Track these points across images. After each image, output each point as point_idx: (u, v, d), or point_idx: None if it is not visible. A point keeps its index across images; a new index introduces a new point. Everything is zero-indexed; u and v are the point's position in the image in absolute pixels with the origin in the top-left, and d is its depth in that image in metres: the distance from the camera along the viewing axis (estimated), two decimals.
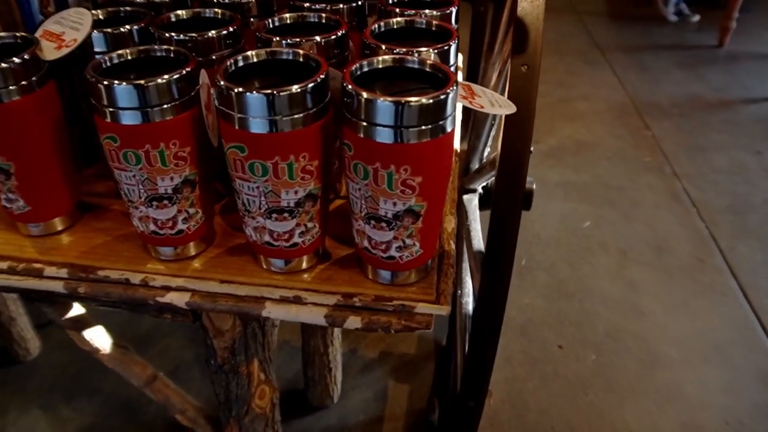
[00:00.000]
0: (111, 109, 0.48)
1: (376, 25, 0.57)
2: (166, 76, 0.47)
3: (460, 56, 1.04)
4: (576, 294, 1.57)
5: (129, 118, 0.48)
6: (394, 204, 0.48)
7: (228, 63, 0.48)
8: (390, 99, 0.43)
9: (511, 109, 0.51)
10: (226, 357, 0.67)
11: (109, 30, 0.58)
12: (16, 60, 0.52)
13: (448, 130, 0.46)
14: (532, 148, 0.72)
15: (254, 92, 0.45)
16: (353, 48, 0.61)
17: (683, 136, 2.21)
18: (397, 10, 0.62)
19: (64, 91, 0.59)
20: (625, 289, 1.57)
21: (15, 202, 0.58)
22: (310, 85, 0.45)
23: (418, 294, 0.54)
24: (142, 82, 0.47)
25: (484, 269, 0.58)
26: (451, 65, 0.55)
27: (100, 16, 0.62)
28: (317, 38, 0.55)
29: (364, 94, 0.44)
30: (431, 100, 0.44)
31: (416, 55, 0.51)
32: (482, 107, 0.49)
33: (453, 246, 0.60)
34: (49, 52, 0.56)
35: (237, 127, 0.46)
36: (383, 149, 0.45)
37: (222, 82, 0.46)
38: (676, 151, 2.11)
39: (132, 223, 0.56)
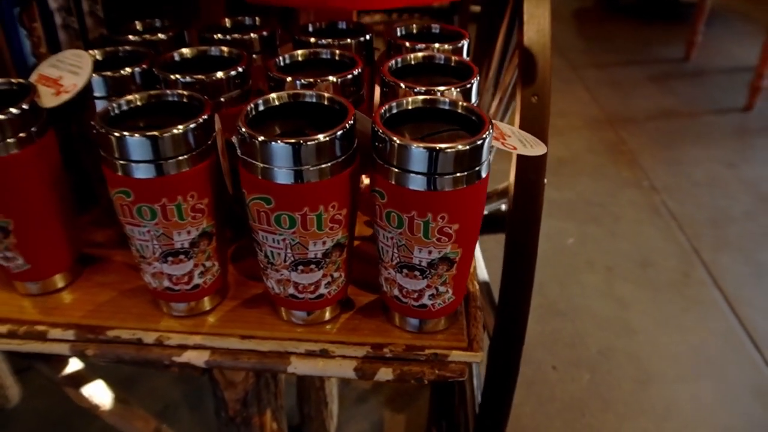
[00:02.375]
0: (123, 162, 0.45)
1: (394, 61, 0.55)
2: (181, 126, 0.45)
3: None
4: (567, 313, 1.57)
5: (144, 172, 0.45)
6: (429, 252, 0.46)
7: (249, 108, 0.46)
8: (424, 145, 0.41)
9: (542, 149, 0.50)
10: (238, 409, 0.64)
11: (109, 73, 0.55)
12: (14, 111, 0.48)
13: (484, 175, 0.45)
14: (545, 180, 0.71)
15: (280, 142, 0.42)
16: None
17: (659, 149, 2.24)
18: (407, 43, 0.60)
19: (58, 134, 0.55)
20: (614, 307, 1.58)
21: (13, 260, 0.54)
22: (339, 133, 0.43)
23: (449, 341, 0.52)
24: (158, 133, 0.44)
25: (501, 310, 0.56)
26: (474, 103, 0.54)
27: (98, 57, 0.59)
28: (333, 78, 0.53)
29: (397, 140, 0.42)
30: (468, 147, 0.42)
31: (442, 94, 0.50)
32: (515, 149, 0.48)
33: (477, 286, 0.58)
34: (48, 98, 0.52)
35: (260, 177, 0.44)
36: (419, 197, 0.43)
37: (244, 130, 0.43)
38: (653, 166, 2.14)
39: (139, 276, 0.53)
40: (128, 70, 0.55)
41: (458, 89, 0.51)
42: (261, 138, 0.42)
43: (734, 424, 1.28)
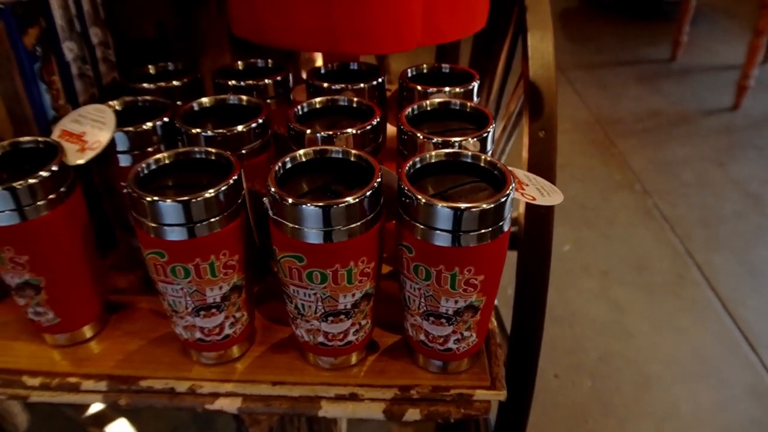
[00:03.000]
0: (156, 225, 0.46)
1: (410, 109, 0.57)
2: (213, 190, 0.46)
3: None
4: (565, 319, 1.60)
5: (177, 234, 0.46)
6: (456, 302, 0.48)
7: (277, 167, 0.47)
8: (449, 205, 0.43)
9: (559, 197, 0.51)
10: None
11: (131, 129, 0.56)
12: (44, 173, 0.49)
13: (506, 229, 0.46)
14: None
15: (310, 205, 0.43)
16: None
17: (649, 151, 2.27)
18: (419, 87, 0.62)
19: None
20: (611, 311, 1.61)
21: (44, 315, 0.55)
22: (368, 193, 0.45)
23: (473, 380, 0.54)
24: (190, 197, 0.45)
25: (513, 344, 0.59)
26: (489, 150, 0.55)
27: (117, 107, 0.60)
28: (353, 130, 0.54)
29: (423, 199, 0.44)
30: (492, 205, 0.43)
31: (462, 147, 0.51)
32: (534, 199, 0.50)
33: (495, 323, 0.60)
34: (72, 155, 0.53)
35: (291, 237, 0.45)
36: (445, 253, 0.45)
37: (274, 191, 0.45)
38: (644, 167, 2.17)
39: (166, 324, 0.54)
40: (149, 124, 0.56)
41: (475, 138, 0.53)
42: (291, 200, 0.44)
43: (733, 424, 1.31)
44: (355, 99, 0.59)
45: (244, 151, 0.56)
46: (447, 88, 0.62)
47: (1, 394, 0.56)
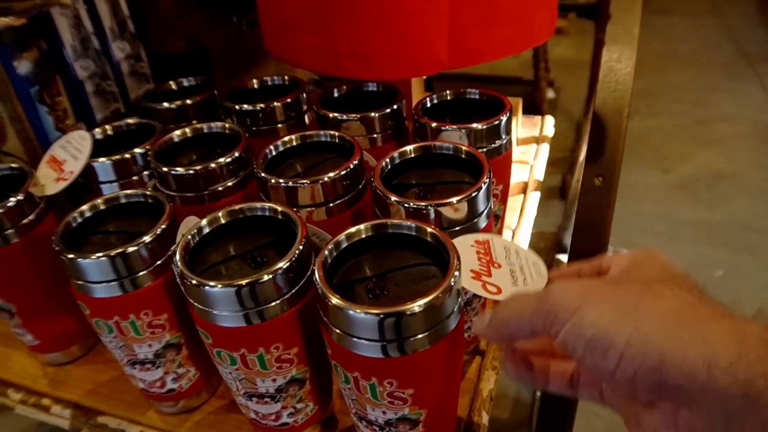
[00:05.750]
0: (81, 282, 0.43)
1: (386, 161, 0.47)
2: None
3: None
4: None
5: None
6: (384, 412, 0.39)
7: (189, 235, 0.42)
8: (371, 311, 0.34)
9: (540, 286, 0.40)
10: None
11: (106, 159, 0.53)
12: (11, 202, 0.49)
13: (451, 329, 0.36)
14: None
15: (213, 286, 0.37)
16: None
17: None
18: (433, 124, 0.52)
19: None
20: None
21: (23, 336, 0.56)
22: (282, 268, 0.38)
23: None
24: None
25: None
26: (481, 216, 0.44)
27: (109, 132, 0.58)
28: (326, 176, 0.46)
29: (334, 300, 0.36)
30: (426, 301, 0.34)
31: (434, 210, 0.42)
32: (498, 292, 0.39)
33: (486, 418, 0.50)
34: (50, 185, 0.52)
35: (197, 314, 0.40)
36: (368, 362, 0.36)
37: (179, 265, 0.39)
38: None
39: None
40: (128, 154, 0.53)
41: (458, 201, 0.42)
42: (195, 281, 0.38)
43: None
44: (337, 135, 0.51)
45: (219, 188, 0.51)
46: (468, 125, 0.51)
47: None
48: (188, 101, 0.62)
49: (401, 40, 0.52)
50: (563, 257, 0.91)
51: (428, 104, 0.57)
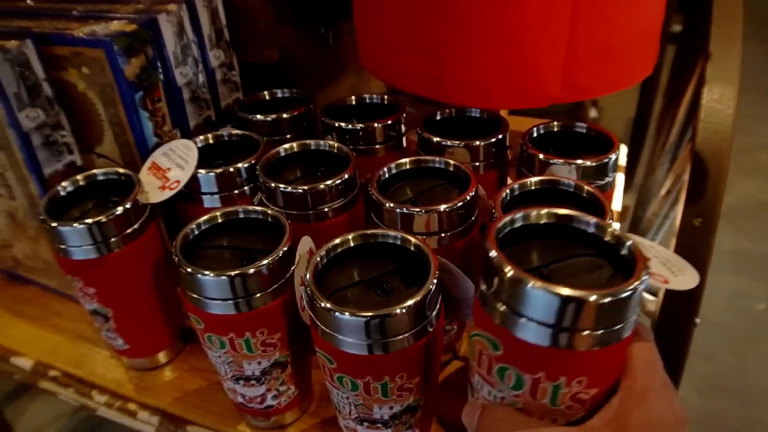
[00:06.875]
0: (196, 296, 0.43)
1: (506, 192, 0.47)
2: (253, 268, 0.41)
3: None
4: (738, 392, 1.36)
5: (217, 308, 0.43)
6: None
7: (319, 255, 0.41)
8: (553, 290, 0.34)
9: (694, 278, 0.39)
10: None
11: (215, 171, 0.53)
12: (118, 211, 0.49)
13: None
14: (697, 320, 0.59)
15: (345, 314, 0.36)
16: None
17: None
18: (541, 156, 0.52)
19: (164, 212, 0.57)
20: None
21: (114, 340, 0.56)
22: (413, 301, 0.37)
23: None
24: (233, 274, 0.41)
25: None
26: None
27: (210, 140, 0.58)
28: (443, 207, 0.46)
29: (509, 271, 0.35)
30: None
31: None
32: (666, 282, 0.38)
33: None
34: (153, 193, 0.52)
35: (321, 337, 0.39)
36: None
37: (309, 286, 0.39)
38: None
39: None
40: (233, 168, 0.53)
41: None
42: (325, 304, 0.38)
43: None
44: (453, 164, 0.51)
45: (326, 209, 0.51)
46: (579, 161, 0.51)
47: (74, 402, 0.59)
48: (285, 115, 0.62)
49: (517, 71, 0.52)
50: None
51: (535, 134, 0.56)
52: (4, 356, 0.63)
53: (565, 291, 0.30)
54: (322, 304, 0.38)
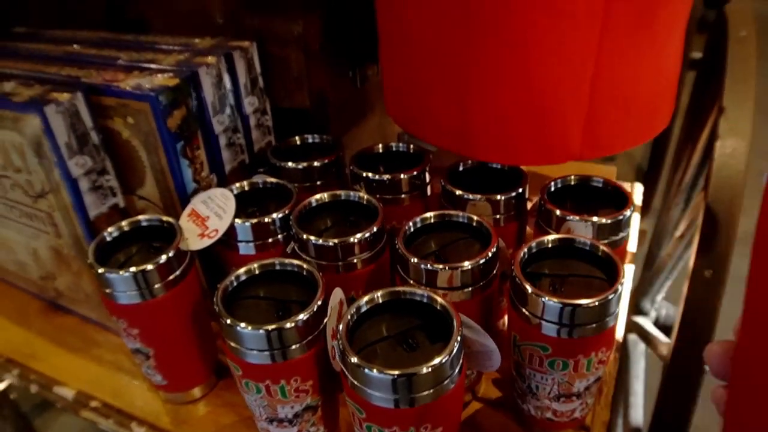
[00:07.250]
0: (235, 346, 0.46)
1: (524, 251, 0.50)
2: (290, 323, 0.45)
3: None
4: None
5: (254, 358, 0.46)
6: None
7: (350, 313, 0.45)
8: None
9: None
10: None
11: (251, 221, 0.57)
12: (162, 259, 0.53)
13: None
14: (707, 367, 0.61)
15: (376, 372, 0.40)
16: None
17: None
18: (558, 212, 0.55)
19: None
20: None
21: (153, 376, 0.59)
22: (442, 360, 0.40)
23: None
24: (270, 329, 0.45)
25: None
26: (613, 312, 0.46)
27: (245, 187, 0.62)
28: (466, 264, 0.49)
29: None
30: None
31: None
32: None
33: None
34: (193, 240, 0.56)
35: (350, 388, 0.42)
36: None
37: (341, 341, 0.43)
38: None
39: None
40: (268, 218, 0.57)
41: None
42: (355, 360, 0.41)
43: None
44: (475, 219, 0.53)
45: (354, 260, 0.54)
46: (594, 218, 0.54)
47: None
48: (316, 163, 0.65)
49: (541, 128, 0.54)
50: (640, 319, 0.92)
51: (552, 188, 0.59)
52: (47, 385, 0.67)
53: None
54: (353, 360, 0.41)
